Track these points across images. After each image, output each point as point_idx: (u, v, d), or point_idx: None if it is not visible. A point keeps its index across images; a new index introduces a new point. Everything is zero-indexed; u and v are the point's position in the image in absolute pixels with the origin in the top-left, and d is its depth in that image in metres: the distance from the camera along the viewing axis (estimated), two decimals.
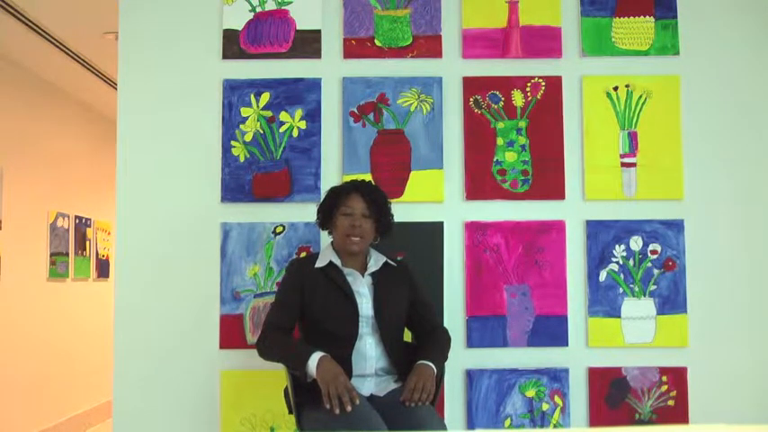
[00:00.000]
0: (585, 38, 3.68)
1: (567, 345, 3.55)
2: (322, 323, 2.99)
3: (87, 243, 7.14)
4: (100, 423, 6.99)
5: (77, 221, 6.93)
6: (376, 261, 3.10)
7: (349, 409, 2.67)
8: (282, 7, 3.67)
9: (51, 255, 6.39)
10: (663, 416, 3.52)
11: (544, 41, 3.67)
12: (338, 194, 3.09)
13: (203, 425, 3.50)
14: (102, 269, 7.44)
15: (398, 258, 3.23)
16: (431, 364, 2.90)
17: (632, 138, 3.63)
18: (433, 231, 3.56)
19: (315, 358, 2.79)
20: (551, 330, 3.55)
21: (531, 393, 3.52)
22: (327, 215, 3.11)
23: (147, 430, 3.51)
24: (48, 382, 6.25)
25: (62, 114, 6.76)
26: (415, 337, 3.20)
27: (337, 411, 2.67)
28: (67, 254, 6.71)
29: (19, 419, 5.79)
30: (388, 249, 3.20)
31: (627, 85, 3.65)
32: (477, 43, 3.66)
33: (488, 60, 3.66)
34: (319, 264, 3.05)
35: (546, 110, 3.63)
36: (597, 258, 3.58)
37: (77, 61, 5.88)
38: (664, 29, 3.68)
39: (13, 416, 5.71)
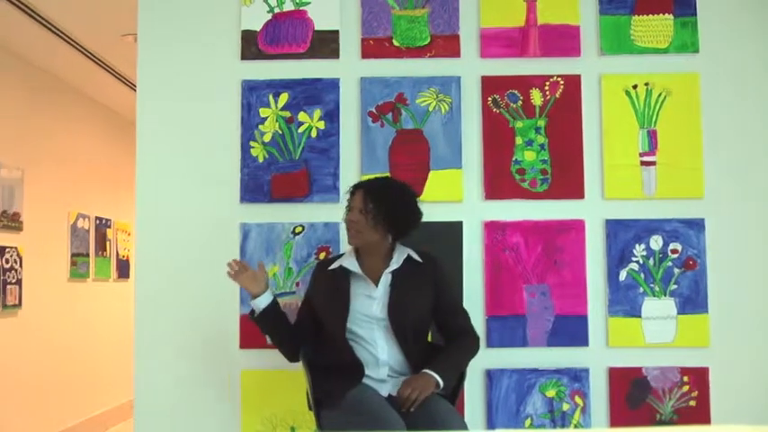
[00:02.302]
0: (604, 36, 3.66)
1: (587, 345, 3.54)
2: (324, 325, 3.08)
3: (107, 244, 7.19)
4: (121, 422, 7.03)
5: (98, 222, 6.97)
6: (398, 258, 3.04)
7: (234, 266, 3.09)
8: (300, 8, 3.67)
9: (72, 255, 6.43)
10: (684, 416, 3.50)
11: (562, 40, 3.65)
12: (350, 192, 3.10)
13: (224, 424, 3.51)
14: (123, 269, 7.49)
15: (426, 252, 3.13)
16: (433, 374, 2.84)
17: (652, 136, 3.61)
18: (452, 231, 3.56)
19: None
20: (571, 330, 3.53)
21: (551, 393, 3.51)
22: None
23: (168, 430, 3.53)
24: (69, 382, 6.29)
25: (82, 116, 6.81)
26: (444, 341, 3.13)
27: (232, 271, 3.09)
28: (88, 254, 6.76)
29: (40, 419, 5.84)
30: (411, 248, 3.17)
31: (646, 84, 3.63)
32: (495, 42, 3.65)
33: (507, 59, 3.65)
34: (333, 266, 3.07)
35: (565, 109, 3.62)
36: (617, 258, 3.56)
37: (97, 63, 5.92)
38: (683, 26, 3.66)
39: (34, 415, 5.75)
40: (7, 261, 5.38)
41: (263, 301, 3.05)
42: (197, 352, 3.55)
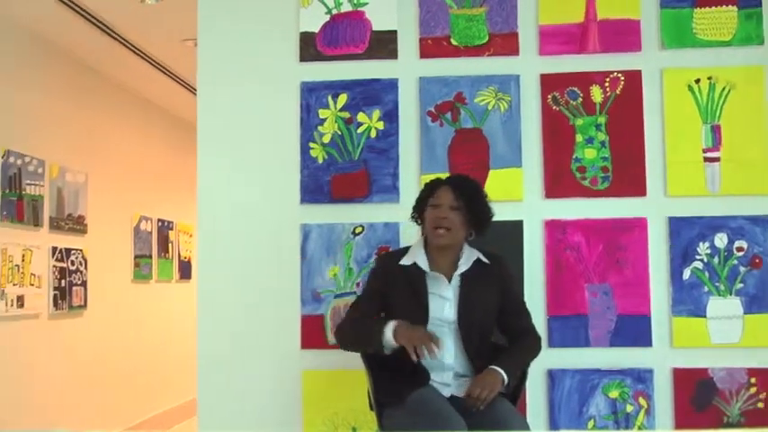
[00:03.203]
0: (665, 30, 3.60)
1: (650, 345, 3.48)
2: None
3: (170, 245, 7.31)
4: (186, 420, 7.13)
5: (160, 224, 7.09)
6: (467, 259, 2.98)
7: (437, 350, 2.72)
8: (358, 8, 3.69)
9: (135, 257, 6.56)
10: (752, 419, 3.42)
11: (623, 35, 3.60)
12: (429, 187, 3.04)
13: (286, 424, 3.54)
14: (185, 270, 7.60)
15: (492, 252, 3.07)
16: (500, 370, 2.81)
17: (715, 131, 3.54)
18: (513, 230, 3.53)
19: (390, 326, 2.80)
20: (634, 330, 3.48)
21: (614, 394, 3.46)
22: (419, 209, 3.06)
23: (231, 429, 3.57)
24: (133, 381, 6.41)
25: (144, 120, 6.94)
26: (507, 340, 3.10)
27: (422, 359, 2.73)
28: (151, 256, 6.88)
29: (106, 417, 5.96)
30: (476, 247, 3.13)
31: (709, 78, 3.56)
32: (554, 39, 3.61)
33: (566, 56, 3.61)
34: (405, 261, 3.00)
35: (626, 105, 3.57)
36: (680, 256, 3.50)
37: (158, 68, 6.03)
38: (747, 18, 3.58)
39: (100, 414, 5.87)
40: (73, 263, 5.51)
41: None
42: (258, 352, 3.58)
